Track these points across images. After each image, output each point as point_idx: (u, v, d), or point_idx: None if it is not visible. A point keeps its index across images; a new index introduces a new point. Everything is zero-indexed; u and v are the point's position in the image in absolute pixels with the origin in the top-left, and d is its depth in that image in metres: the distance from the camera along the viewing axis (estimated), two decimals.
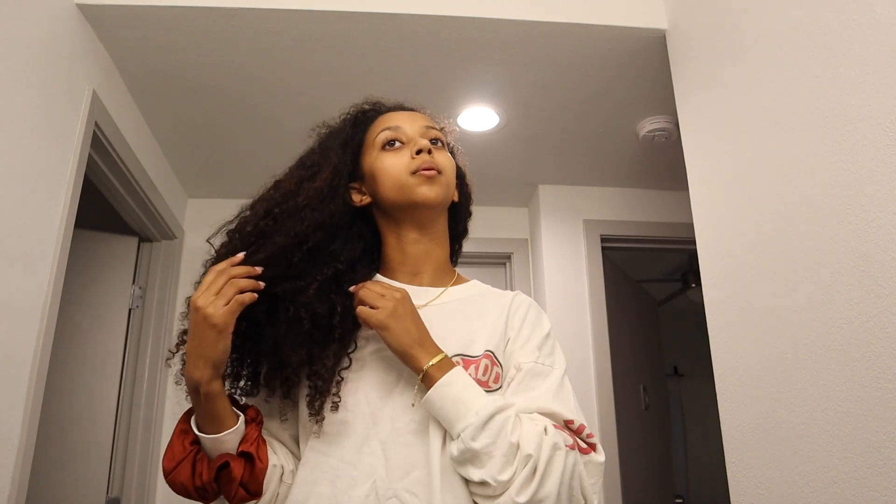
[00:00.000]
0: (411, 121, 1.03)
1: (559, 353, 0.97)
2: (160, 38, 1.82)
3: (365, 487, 0.83)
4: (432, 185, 0.96)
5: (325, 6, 1.74)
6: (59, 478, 2.11)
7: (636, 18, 1.83)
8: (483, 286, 1.05)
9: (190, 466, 0.85)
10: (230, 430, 0.84)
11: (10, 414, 1.41)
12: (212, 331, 0.81)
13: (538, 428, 0.82)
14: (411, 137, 1.00)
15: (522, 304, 1.00)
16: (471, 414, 0.81)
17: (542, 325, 0.98)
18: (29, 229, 1.47)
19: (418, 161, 0.96)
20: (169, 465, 0.85)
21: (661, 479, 3.10)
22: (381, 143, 1.00)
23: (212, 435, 0.84)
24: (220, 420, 0.84)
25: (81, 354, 2.27)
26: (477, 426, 0.79)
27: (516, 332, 0.96)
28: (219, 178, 2.69)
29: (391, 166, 0.98)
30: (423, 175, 0.95)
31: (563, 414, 0.86)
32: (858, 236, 1.08)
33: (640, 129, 2.37)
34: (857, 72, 1.10)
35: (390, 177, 0.97)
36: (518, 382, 0.90)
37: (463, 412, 0.81)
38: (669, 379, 4.68)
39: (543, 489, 0.78)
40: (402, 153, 0.99)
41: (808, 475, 1.18)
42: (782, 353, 1.27)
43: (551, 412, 0.86)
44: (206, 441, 0.84)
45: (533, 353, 0.93)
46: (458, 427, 0.81)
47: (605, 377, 2.59)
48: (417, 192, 0.95)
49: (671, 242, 2.84)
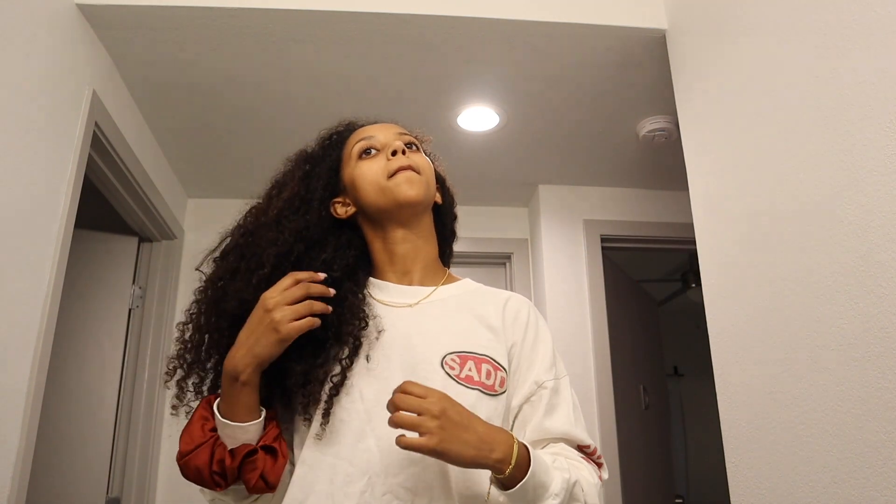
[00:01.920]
0: (384, 130, 1.06)
1: (560, 362, 1.01)
2: (160, 38, 1.82)
3: (361, 483, 0.84)
4: (412, 183, 0.98)
5: (326, 6, 1.74)
6: (59, 478, 2.11)
7: (636, 18, 1.83)
8: (476, 284, 1.06)
9: (209, 451, 0.85)
10: (256, 420, 0.86)
11: (10, 414, 1.41)
12: (273, 335, 0.84)
13: (592, 479, 0.90)
14: (385, 143, 1.03)
15: (522, 309, 1.01)
16: (550, 497, 0.82)
17: (548, 335, 1.02)
18: (29, 229, 1.47)
19: (394, 163, 0.99)
20: (186, 448, 0.86)
21: (661, 479, 3.10)
22: (358, 153, 1.03)
23: (238, 423, 0.85)
24: (248, 410, 0.86)
25: (81, 354, 2.27)
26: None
27: (522, 339, 0.97)
28: (219, 178, 2.69)
29: (369, 171, 1.00)
30: (401, 175, 0.98)
31: (582, 440, 0.94)
32: (858, 236, 1.08)
33: (640, 129, 2.37)
34: (857, 72, 1.10)
35: (369, 181, 1.00)
36: (545, 403, 0.94)
37: (542, 494, 0.82)
38: (669, 379, 4.68)
39: None
40: (377, 159, 1.01)
41: (808, 475, 1.18)
42: (782, 352, 1.27)
43: (574, 439, 0.93)
44: (231, 429, 0.85)
45: (550, 370, 0.97)
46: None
47: (605, 377, 2.59)
48: (398, 192, 0.98)
49: (671, 242, 2.84)
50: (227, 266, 0.95)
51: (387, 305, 0.98)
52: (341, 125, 1.11)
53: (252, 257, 0.94)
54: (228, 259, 0.96)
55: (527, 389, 0.94)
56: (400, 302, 0.99)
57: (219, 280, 0.96)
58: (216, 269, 0.97)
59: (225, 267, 0.96)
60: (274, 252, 0.93)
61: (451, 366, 0.91)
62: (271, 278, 0.90)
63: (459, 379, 0.90)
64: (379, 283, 1.02)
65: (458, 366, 0.91)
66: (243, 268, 0.93)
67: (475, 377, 0.90)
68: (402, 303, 0.99)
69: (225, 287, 0.94)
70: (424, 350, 0.93)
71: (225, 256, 0.97)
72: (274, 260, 0.92)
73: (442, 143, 2.39)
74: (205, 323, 0.95)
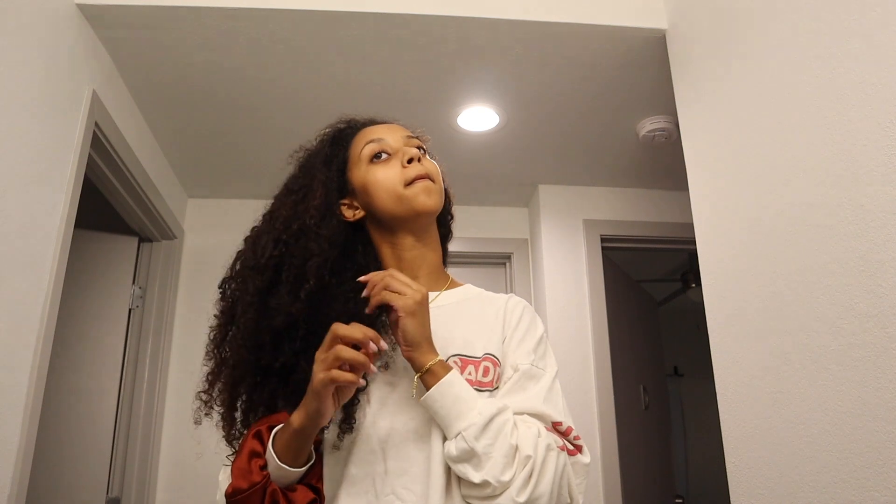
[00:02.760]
0: (392, 132, 1.05)
1: (551, 357, 1.00)
2: (160, 38, 1.82)
3: (364, 485, 0.85)
4: (430, 194, 0.98)
5: (326, 7, 1.74)
6: (59, 478, 2.11)
7: (636, 18, 1.83)
8: (477, 290, 1.07)
9: (260, 495, 0.82)
10: (310, 463, 0.85)
11: (10, 414, 1.41)
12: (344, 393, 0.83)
13: (533, 430, 0.85)
14: (397, 148, 1.02)
15: (518, 306, 1.03)
16: (473, 413, 0.82)
17: (536, 328, 1.01)
18: (29, 229, 1.47)
19: (411, 171, 0.98)
20: (241, 486, 0.82)
21: (661, 479, 3.10)
22: (368, 156, 1.02)
23: (297, 469, 0.83)
24: (304, 454, 0.84)
25: (81, 354, 2.27)
26: (479, 426, 0.81)
27: (512, 330, 0.98)
28: (219, 178, 2.69)
29: (385, 178, 0.99)
30: (420, 184, 0.98)
31: (552, 416, 0.89)
32: (858, 236, 1.08)
33: (640, 129, 2.37)
34: (857, 72, 1.10)
35: (385, 189, 0.99)
36: (514, 382, 0.92)
37: (464, 411, 0.82)
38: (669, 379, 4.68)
39: (539, 488, 0.81)
40: (391, 164, 1.00)
41: (808, 475, 1.18)
42: (782, 353, 1.27)
43: (540, 413, 0.89)
44: (288, 473, 0.83)
45: (528, 355, 0.95)
46: (458, 426, 0.82)
47: (605, 377, 2.59)
48: (417, 202, 0.97)
49: (671, 242, 2.84)
50: (265, 279, 0.92)
51: None
52: (342, 122, 1.11)
53: (291, 269, 0.91)
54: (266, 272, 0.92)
55: (506, 375, 0.94)
56: None
57: (257, 293, 0.92)
58: (252, 282, 0.92)
59: (262, 279, 0.92)
60: (316, 263, 0.91)
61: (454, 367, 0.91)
62: (316, 291, 0.90)
63: None
64: None
65: (460, 368, 0.91)
66: (285, 280, 0.91)
67: (475, 378, 0.91)
68: None
69: (265, 302, 0.91)
70: None
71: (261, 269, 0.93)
72: (317, 271, 0.91)
73: (442, 143, 2.41)
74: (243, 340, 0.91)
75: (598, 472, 2.47)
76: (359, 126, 1.09)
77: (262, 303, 0.91)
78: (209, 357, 0.95)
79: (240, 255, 0.98)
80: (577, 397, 2.54)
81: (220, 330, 0.95)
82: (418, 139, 1.07)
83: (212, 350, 0.95)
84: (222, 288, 0.97)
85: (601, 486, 2.46)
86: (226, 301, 0.96)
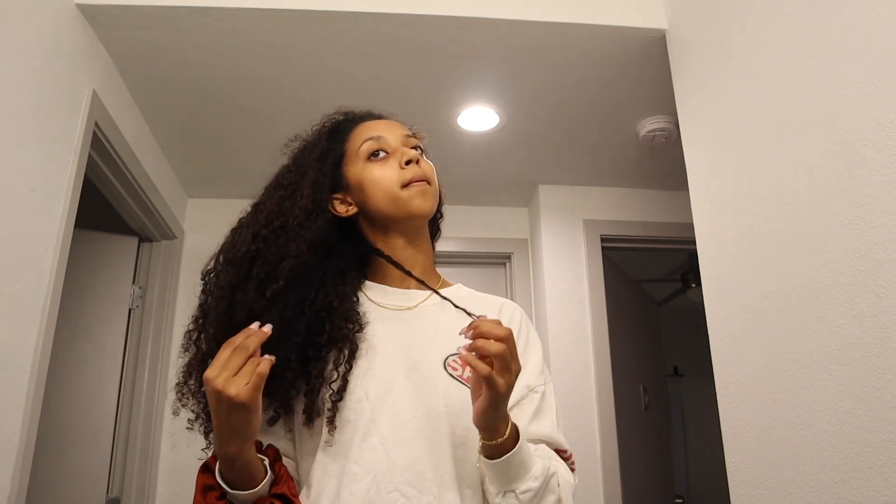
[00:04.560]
0: (391, 129, 1.04)
1: (546, 366, 1.03)
2: (160, 38, 1.82)
3: (366, 482, 0.85)
4: (426, 197, 0.98)
5: (325, 6, 1.74)
6: (59, 478, 2.11)
7: (636, 18, 1.83)
8: (467, 289, 1.08)
9: None
10: (265, 481, 0.82)
11: (10, 414, 1.41)
12: (242, 411, 0.76)
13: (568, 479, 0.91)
14: (395, 147, 1.01)
15: (516, 314, 1.04)
16: (530, 478, 0.83)
17: (538, 342, 1.04)
18: (29, 229, 1.47)
19: (408, 173, 0.98)
20: None
21: (661, 479, 3.10)
22: (366, 153, 1.01)
23: (248, 491, 0.81)
24: (254, 476, 0.82)
25: (81, 354, 2.27)
26: (534, 491, 0.83)
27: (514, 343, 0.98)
28: (219, 178, 2.69)
29: (381, 178, 0.98)
30: (416, 187, 0.97)
31: (562, 445, 0.95)
32: (858, 236, 1.08)
33: (640, 129, 2.37)
34: (856, 72, 1.10)
35: (382, 188, 0.98)
36: (536, 407, 0.96)
37: (522, 474, 0.83)
38: (669, 379, 4.68)
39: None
40: (389, 164, 1.00)
41: (808, 475, 1.18)
42: (782, 353, 1.27)
43: (556, 442, 0.94)
44: (244, 497, 0.81)
45: (540, 375, 0.99)
46: (514, 486, 0.83)
47: (605, 377, 2.59)
48: (412, 205, 0.97)
49: (671, 242, 2.84)
50: (239, 273, 0.89)
51: (386, 308, 0.99)
52: (339, 114, 1.10)
53: (264, 266, 0.89)
54: (241, 266, 0.90)
55: (518, 392, 0.94)
56: (400, 305, 1.00)
57: (229, 287, 0.89)
58: (225, 275, 0.90)
59: (235, 273, 0.90)
60: (289, 265, 0.89)
61: (453, 367, 0.92)
62: (285, 293, 0.88)
63: (462, 379, 0.91)
64: (377, 286, 1.02)
65: (461, 367, 0.91)
66: (255, 276, 0.88)
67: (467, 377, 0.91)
68: (402, 306, 1.00)
69: (233, 296, 0.88)
70: (426, 351, 0.94)
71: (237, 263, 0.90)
72: (289, 273, 0.89)
73: (442, 143, 2.41)
74: (214, 333, 0.89)
75: (598, 472, 2.47)
76: (357, 119, 1.08)
77: (232, 297, 0.88)
78: (184, 349, 0.92)
79: (223, 246, 0.95)
80: (577, 397, 2.54)
81: (196, 322, 0.93)
82: (416, 137, 1.06)
83: (187, 342, 0.92)
84: (204, 279, 0.95)
85: (601, 486, 2.46)
86: (205, 293, 0.94)
